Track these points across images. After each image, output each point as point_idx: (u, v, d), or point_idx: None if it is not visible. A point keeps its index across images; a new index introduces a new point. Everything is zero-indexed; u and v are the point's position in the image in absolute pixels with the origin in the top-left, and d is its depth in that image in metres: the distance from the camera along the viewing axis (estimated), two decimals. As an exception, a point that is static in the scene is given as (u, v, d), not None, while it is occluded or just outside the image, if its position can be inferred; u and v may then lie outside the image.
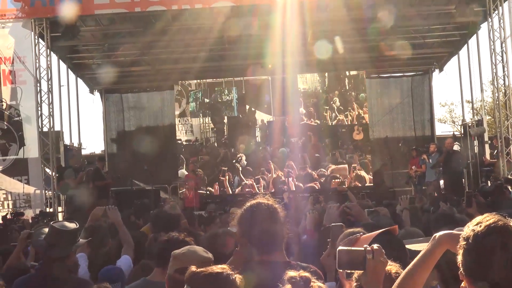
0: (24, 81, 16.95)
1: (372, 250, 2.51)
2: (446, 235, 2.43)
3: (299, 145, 19.52)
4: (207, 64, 19.85)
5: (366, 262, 2.49)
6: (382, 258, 2.51)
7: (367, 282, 2.50)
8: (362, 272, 2.52)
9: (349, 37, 18.68)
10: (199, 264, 3.38)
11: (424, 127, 22.93)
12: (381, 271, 2.52)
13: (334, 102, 20.45)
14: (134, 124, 23.20)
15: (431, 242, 2.46)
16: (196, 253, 3.53)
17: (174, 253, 3.56)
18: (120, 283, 4.83)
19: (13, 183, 16.64)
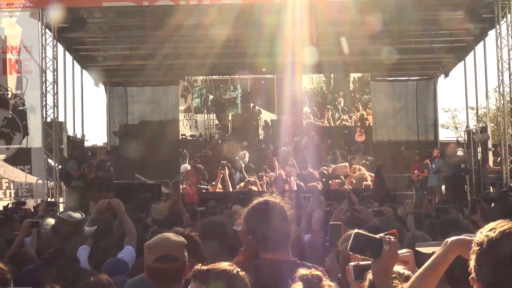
0: (29, 71, 16.95)
1: (389, 241, 2.50)
2: (458, 241, 2.42)
3: (301, 144, 19.44)
4: (213, 60, 19.84)
5: (383, 251, 2.49)
6: (397, 251, 2.51)
7: (378, 272, 2.48)
8: (373, 260, 2.50)
9: (356, 39, 18.67)
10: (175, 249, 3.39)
11: (428, 131, 22.92)
12: (393, 264, 2.52)
13: (339, 103, 20.45)
14: (138, 117, 23.19)
15: (443, 247, 2.45)
16: (170, 239, 3.48)
17: (148, 243, 3.51)
18: (125, 276, 4.83)
19: (16, 172, 16.65)
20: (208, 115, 20.76)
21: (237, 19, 17.12)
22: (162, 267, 3.35)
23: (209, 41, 18.57)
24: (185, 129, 20.69)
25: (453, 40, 20.27)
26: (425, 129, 22.93)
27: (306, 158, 19.46)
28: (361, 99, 20.64)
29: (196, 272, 2.86)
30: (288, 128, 19.75)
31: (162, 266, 3.35)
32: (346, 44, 18.44)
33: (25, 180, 16.66)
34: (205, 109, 20.80)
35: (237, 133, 20.51)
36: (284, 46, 18.16)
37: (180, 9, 16.72)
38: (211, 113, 20.77)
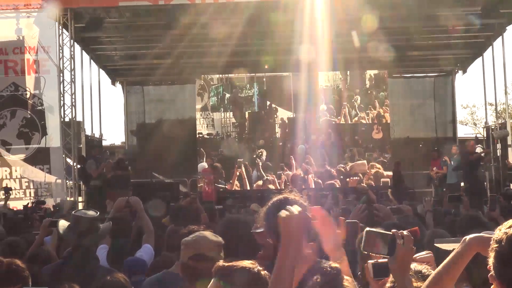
0: (47, 71, 17.09)
1: (402, 235, 2.46)
2: (477, 238, 2.40)
3: (318, 142, 19.40)
4: (229, 59, 19.85)
5: (396, 247, 2.45)
6: (411, 244, 2.47)
7: (394, 269, 2.44)
8: (389, 258, 2.46)
9: (373, 36, 18.57)
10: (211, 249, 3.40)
11: (446, 128, 22.76)
12: (409, 259, 2.48)
13: (356, 100, 20.35)
14: (155, 116, 23.28)
15: (461, 245, 2.43)
16: (207, 238, 3.50)
17: (185, 240, 3.54)
18: (143, 275, 4.85)
19: (35, 172, 16.80)
20: (224, 113, 20.75)
21: (252, 17, 17.11)
22: (195, 265, 3.36)
23: (224, 39, 18.57)
24: (202, 128, 20.70)
25: (471, 36, 20.10)
26: (443, 126, 22.77)
27: (323, 156, 19.33)
28: (378, 96, 20.47)
29: (216, 269, 2.86)
30: (305, 126, 19.66)
31: (196, 264, 3.37)
32: (357, 38, 18.31)
33: (44, 180, 16.81)
34: (221, 108, 20.79)
35: (254, 131, 20.46)
36: (300, 43, 18.12)
37: (195, 8, 16.74)
38: (227, 112, 20.75)
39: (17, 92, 16.96)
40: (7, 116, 16.93)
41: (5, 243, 5.05)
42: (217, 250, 3.47)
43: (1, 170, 16.90)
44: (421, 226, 5.27)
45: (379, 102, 20.38)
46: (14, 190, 16.52)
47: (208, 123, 20.63)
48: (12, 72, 17.02)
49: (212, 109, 20.78)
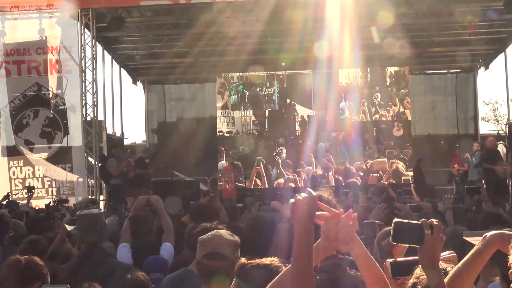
0: (69, 71, 17.22)
1: (431, 224, 2.41)
2: (497, 235, 2.38)
3: (339, 140, 19.34)
4: (249, 57, 19.86)
5: (424, 237, 2.42)
6: (440, 234, 2.41)
7: (423, 259, 2.41)
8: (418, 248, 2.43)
9: (393, 33, 18.45)
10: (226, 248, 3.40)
11: (468, 125, 22.56)
12: (439, 249, 2.41)
13: (376, 98, 20.22)
14: (176, 115, 23.38)
15: (482, 242, 2.42)
16: (222, 237, 3.50)
17: (201, 238, 3.54)
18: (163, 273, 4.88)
19: (58, 171, 16.96)
20: (245, 111, 20.75)
21: (271, 15, 17.09)
22: (209, 263, 3.37)
23: (244, 38, 18.60)
24: (222, 126, 20.74)
25: (493, 31, 19.88)
26: (465, 122, 22.57)
27: (344, 154, 19.28)
28: (398, 93, 20.31)
29: (237, 269, 2.86)
30: (325, 124, 19.61)
31: (209, 262, 3.37)
32: (377, 33, 18.19)
33: (66, 179, 16.96)
34: (242, 106, 20.80)
35: (274, 129, 20.43)
36: (320, 40, 18.08)
37: (215, 6, 16.78)
38: (248, 110, 20.75)
39: (40, 92, 17.13)
40: (30, 116, 17.11)
41: (26, 241, 5.13)
42: (233, 249, 3.46)
43: (24, 169, 17.09)
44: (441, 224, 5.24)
45: (400, 99, 20.20)
46: (37, 189, 16.68)
47: (229, 121, 20.66)
48: (35, 72, 17.19)
49: (233, 107, 20.79)
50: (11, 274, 3.71)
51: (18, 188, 16.87)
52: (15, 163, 17.06)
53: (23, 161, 17.08)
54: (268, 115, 20.61)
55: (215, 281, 3.24)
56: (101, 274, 4.30)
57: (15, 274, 3.70)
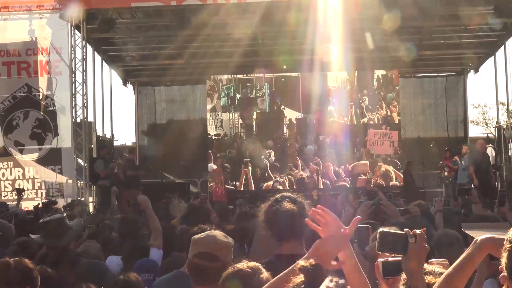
0: (60, 72, 17.17)
1: (414, 234, 2.45)
2: (489, 239, 2.39)
3: (327, 143, 19.37)
4: (241, 59, 19.86)
5: (408, 246, 2.44)
6: (424, 243, 2.45)
7: (408, 267, 2.43)
8: (403, 257, 2.45)
9: (383, 36, 18.53)
10: (219, 249, 3.39)
11: (457, 128, 22.64)
12: (423, 257, 2.46)
13: (363, 101, 20.23)
14: (166, 117, 23.32)
15: (473, 246, 2.42)
16: (216, 238, 3.48)
17: (194, 238, 3.52)
18: (153, 274, 4.88)
19: (47, 172, 16.89)
20: (233, 114, 20.71)
21: (262, 17, 17.11)
22: (200, 263, 3.35)
23: (235, 40, 18.61)
24: (210, 129, 20.72)
25: (483, 35, 19.99)
26: (455, 125, 22.65)
27: (332, 157, 19.27)
28: (386, 97, 20.32)
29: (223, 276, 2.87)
30: (313, 127, 19.66)
31: (201, 262, 3.35)
32: (371, 39, 18.25)
33: (56, 180, 16.89)
34: (232, 108, 20.80)
35: (262, 132, 20.37)
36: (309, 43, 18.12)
37: (207, 8, 16.77)
38: (237, 112, 20.75)
39: (30, 93, 17.05)
40: (20, 117, 17.03)
41: (16, 243, 5.10)
42: (226, 251, 3.45)
43: (14, 170, 17.01)
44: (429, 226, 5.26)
45: (386, 103, 20.19)
46: (27, 190, 16.61)
47: (217, 124, 20.62)
48: (25, 73, 17.12)
49: (223, 110, 20.76)
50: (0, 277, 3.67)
51: (8, 189, 16.80)
52: (4, 164, 16.98)
53: (13, 162, 16.99)
54: (256, 118, 20.55)
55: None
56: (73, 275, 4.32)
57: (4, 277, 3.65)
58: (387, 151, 18.69)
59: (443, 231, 5.00)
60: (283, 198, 3.61)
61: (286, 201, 3.57)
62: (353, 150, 19.48)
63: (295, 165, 19.04)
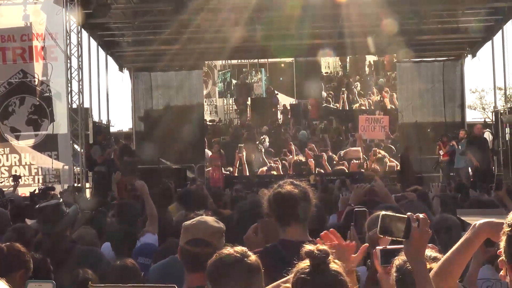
0: (55, 58, 17.04)
1: (417, 218, 2.41)
2: (486, 224, 2.36)
3: (320, 128, 19.46)
4: (237, 44, 19.77)
5: (411, 230, 2.41)
6: (427, 228, 2.42)
7: (410, 252, 2.40)
8: (405, 241, 2.42)
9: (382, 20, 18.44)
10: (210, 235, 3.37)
11: (455, 113, 22.62)
12: (425, 242, 2.43)
13: (355, 87, 20.34)
14: (162, 103, 23.25)
15: (470, 231, 2.40)
16: (207, 223, 3.45)
17: (185, 224, 3.50)
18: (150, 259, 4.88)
19: (44, 158, 16.83)
20: (227, 100, 20.80)
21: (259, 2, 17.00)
22: (192, 250, 3.33)
23: (231, 25, 18.51)
24: (205, 115, 20.74)
25: (481, 19, 19.91)
26: (452, 110, 22.63)
27: (326, 142, 19.41)
28: (377, 82, 20.43)
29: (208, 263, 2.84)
30: (307, 112, 19.85)
31: (192, 249, 3.33)
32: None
33: (52, 166, 16.84)
34: (228, 94, 20.84)
35: (256, 117, 20.54)
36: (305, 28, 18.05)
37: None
38: (233, 98, 20.81)
39: (25, 79, 16.94)
40: (16, 103, 16.94)
41: (12, 229, 5.07)
42: (218, 237, 3.42)
43: (10, 156, 16.94)
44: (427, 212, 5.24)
45: (378, 89, 20.27)
46: (24, 176, 16.58)
47: (212, 110, 20.67)
48: (20, 59, 16.99)
49: (220, 95, 20.81)
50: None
51: (4, 175, 16.75)
52: (0, 150, 16.91)
53: (9, 148, 16.93)
54: (251, 103, 20.59)
55: None
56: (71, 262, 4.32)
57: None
58: (379, 136, 18.89)
59: (441, 216, 4.99)
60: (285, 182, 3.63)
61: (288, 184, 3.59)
62: (346, 136, 19.57)
63: (289, 151, 19.24)
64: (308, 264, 2.32)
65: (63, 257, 4.55)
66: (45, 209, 4.95)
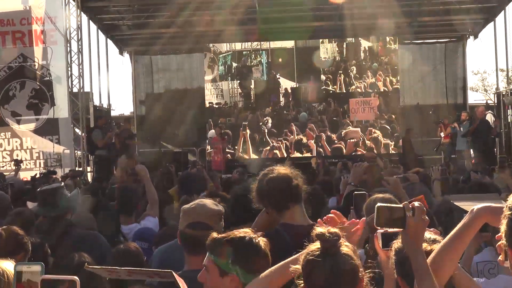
0: (55, 41, 16.98)
1: (412, 207, 2.39)
2: (485, 208, 2.34)
3: (319, 110, 20.28)
4: (237, 27, 19.68)
5: (407, 220, 2.39)
6: (423, 216, 2.38)
7: (407, 241, 2.38)
8: (401, 230, 2.40)
9: (383, 1, 18.32)
10: (209, 217, 3.36)
11: (457, 95, 22.53)
12: (421, 230, 2.39)
13: (351, 71, 20.82)
14: (163, 86, 23.18)
15: (469, 215, 2.37)
16: (206, 206, 3.44)
17: (184, 208, 3.49)
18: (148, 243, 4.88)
19: (45, 143, 16.83)
20: (232, 83, 21.01)
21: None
22: (193, 233, 3.32)
23: (232, 7, 18.40)
24: (212, 98, 20.83)
25: (483, 0, 19.77)
26: (454, 92, 22.53)
27: (324, 123, 20.10)
28: (371, 66, 20.91)
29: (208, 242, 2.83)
30: (306, 95, 20.51)
31: (193, 232, 3.32)
32: None
33: (53, 150, 16.84)
34: (229, 77, 20.92)
35: (260, 100, 20.96)
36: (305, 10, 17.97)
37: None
38: (234, 81, 21.01)
39: (25, 63, 16.89)
40: (16, 87, 16.90)
41: (13, 213, 5.07)
42: (217, 219, 3.42)
43: (12, 141, 16.93)
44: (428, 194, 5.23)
45: (372, 72, 20.83)
46: (25, 161, 16.59)
47: (218, 93, 20.89)
48: (20, 43, 16.92)
49: (220, 78, 20.89)
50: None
51: (6, 160, 16.75)
52: (2, 135, 16.91)
53: (10, 133, 16.91)
54: (254, 86, 20.95)
55: None
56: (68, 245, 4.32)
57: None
58: (369, 117, 19.72)
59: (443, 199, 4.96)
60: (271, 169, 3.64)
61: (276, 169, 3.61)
62: (343, 116, 20.43)
63: (290, 131, 19.93)
64: (318, 247, 2.28)
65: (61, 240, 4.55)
66: (46, 192, 4.94)
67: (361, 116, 19.48)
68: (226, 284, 2.76)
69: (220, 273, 2.76)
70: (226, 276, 2.75)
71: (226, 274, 2.75)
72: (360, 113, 19.34)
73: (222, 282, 2.76)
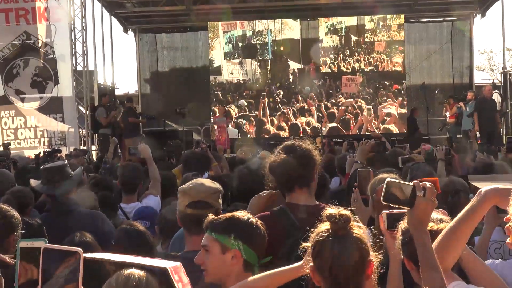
0: (58, 19, 16.88)
1: (424, 187, 2.32)
2: (493, 190, 2.28)
3: (319, 85, 21.65)
4: (242, 4, 19.55)
5: (416, 199, 2.32)
6: (433, 198, 2.31)
7: (413, 221, 2.32)
8: (408, 210, 2.33)
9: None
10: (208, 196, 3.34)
11: (463, 74, 22.35)
12: (429, 212, 2.32)
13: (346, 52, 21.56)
14: (168, 64, 23.08)
15: (477, 197, 2.32)
16: (204, 185, 3.42)
17: (182, 188, 3.46)
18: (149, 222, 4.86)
19: (49, 121, 16.82)
20: (240, 59, 21.19)
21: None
22: (193, 213, 3.30)
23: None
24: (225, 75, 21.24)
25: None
26: (460, 71, 22.35)
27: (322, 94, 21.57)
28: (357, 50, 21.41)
29: (207, 223, 2.83)
30: (309, 74, 21.54)
31: (194, 212, 3.30)
32: None
33: (58, 129, 16.84)
34: (236, 54, 20.91)
35: (272, 76, 21.54)
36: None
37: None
38: (240, 58, 21.17)
39: (29, 40, 16.82)
40: (20, 65, 16.85)
41: (11, 192, 5.02)
42: (216, 197, 3.40)
43: (16, 119, 16.93)
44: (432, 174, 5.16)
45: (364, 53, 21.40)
46: (29, 139, 16.60)
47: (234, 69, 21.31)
48: (23, 21, 16.83)
49: (225, 56, 20.84)
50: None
51: (10, 138, 16.76)
52: (6, 113, 16.89)
53: (14, 111, 16.91)
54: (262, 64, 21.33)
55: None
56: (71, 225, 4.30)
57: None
58: (353, 90, 21.38)
59: (449, 179, 4.89)
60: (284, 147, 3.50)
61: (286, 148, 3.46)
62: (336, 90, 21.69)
63: (297, 100, 21.57)
64: (328, 227, 2.26)
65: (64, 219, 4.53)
66: (50, 170, 4.91)
67: (347, 89, 21.62)
68: (227, 261, 2.77)
69: (222, 249, 2.77)
70: (228, 251, 2.77)
71: (228, 250, 2.77)
72: (348, 87, 21.64)
73: (223, 259, 2.77)
